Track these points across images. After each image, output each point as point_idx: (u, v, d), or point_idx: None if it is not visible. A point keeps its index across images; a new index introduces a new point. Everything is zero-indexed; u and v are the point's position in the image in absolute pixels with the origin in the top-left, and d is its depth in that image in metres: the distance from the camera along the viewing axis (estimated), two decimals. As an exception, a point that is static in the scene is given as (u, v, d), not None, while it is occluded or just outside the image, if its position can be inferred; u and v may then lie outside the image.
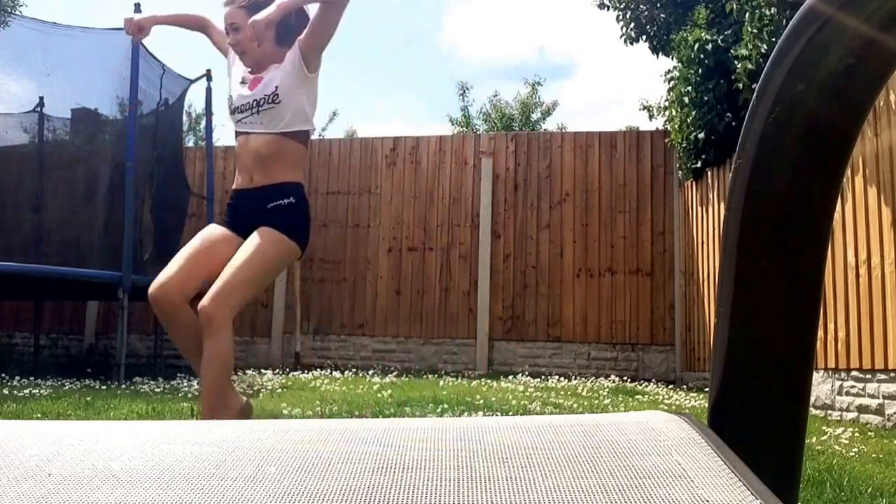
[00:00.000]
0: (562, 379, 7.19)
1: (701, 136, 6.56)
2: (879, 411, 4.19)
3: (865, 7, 0.45)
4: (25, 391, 4.76)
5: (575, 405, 4.89)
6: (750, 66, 5.32)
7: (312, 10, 2.64)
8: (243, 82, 2.72)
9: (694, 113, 6.59)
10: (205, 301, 2.44)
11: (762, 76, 0.50)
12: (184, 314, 2.52)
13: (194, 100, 16.83)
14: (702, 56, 6.39)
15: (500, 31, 34.70)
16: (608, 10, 8.27)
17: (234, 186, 2.75)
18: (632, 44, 8.16)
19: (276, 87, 2.60)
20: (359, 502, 0.39)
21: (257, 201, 2.64)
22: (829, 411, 4.67)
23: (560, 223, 8.43)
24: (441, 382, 6.33)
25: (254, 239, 2.58)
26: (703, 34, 6.45)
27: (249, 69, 2.71)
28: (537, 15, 35.02)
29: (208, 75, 7.86)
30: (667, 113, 7.78)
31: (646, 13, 7.97)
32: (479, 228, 8.54)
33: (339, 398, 4.78)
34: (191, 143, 14.13)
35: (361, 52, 38.63)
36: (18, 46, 7.58)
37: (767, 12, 5.05)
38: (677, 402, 5.49)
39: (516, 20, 35.56)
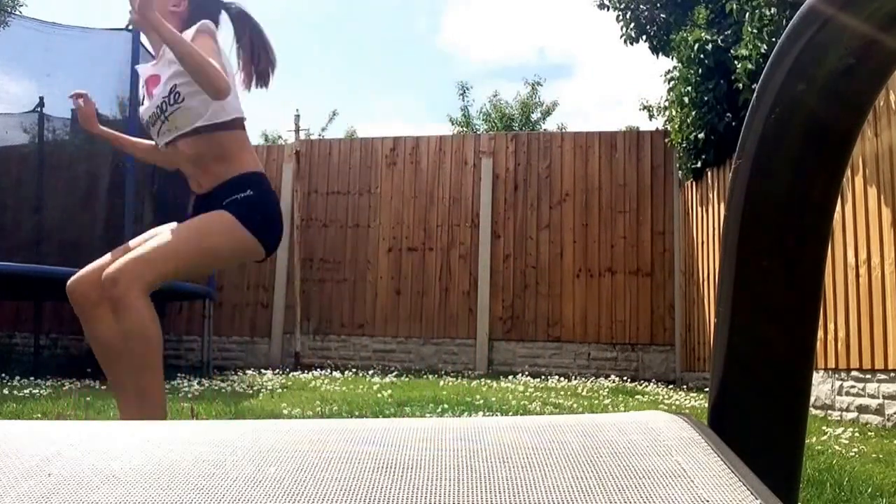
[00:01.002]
0: (562, 379, 7.19)
1: (701, 136, 6.57)
2: (879, 411, 4.19)
3: (865, 7, 0.45)
4: (25, 391, 4.76)
5: (575, 405, 4.89)
6: (750, 66, 5.33)
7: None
8: (146, 89, 2.40)
9: (694, 113, 6.59)
10: (110, 272, 2.07)
11: (762, 76, 0.50)
12: (102, 311, 2.19)
13: (194, 100, 16.86)
14: (702, 56, 6.39)
15: (499, 32, 34.70)
16: (608, 10, 8.27)
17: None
18: (632, 44, 8.16)
19: (175, 85, 2.25)
20: (359, 502, 0.39)
21: (212, 203, 2.28)
22: (829, 411, 4.67)
23: (560, 223, 8.43)
24: (441, 382, 6.33)
25: (202, 216, 2.22)
26: (703, 34, 6.46)
27: (153, 62, 2.40)
28: (537, 15, 35.03)
29: (208, 75, 7.85)
30: (667, 113, 7.79)
31: (646, 13, 7.97)
32: (479, 228, 8.54)
33: (339, 398, 4.78)
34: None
35: (361, 52, 38.64)
36: (18, 46, 7.59)
37: (767, 12, 5.06)
38: (677, 402, 5.49)
39: (516, 20, 35.57)
